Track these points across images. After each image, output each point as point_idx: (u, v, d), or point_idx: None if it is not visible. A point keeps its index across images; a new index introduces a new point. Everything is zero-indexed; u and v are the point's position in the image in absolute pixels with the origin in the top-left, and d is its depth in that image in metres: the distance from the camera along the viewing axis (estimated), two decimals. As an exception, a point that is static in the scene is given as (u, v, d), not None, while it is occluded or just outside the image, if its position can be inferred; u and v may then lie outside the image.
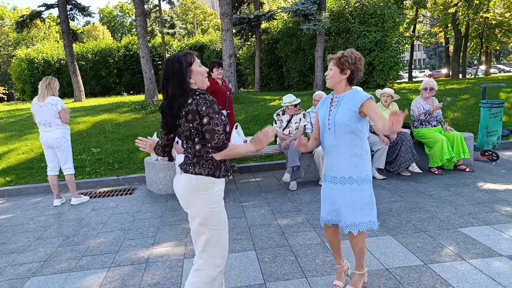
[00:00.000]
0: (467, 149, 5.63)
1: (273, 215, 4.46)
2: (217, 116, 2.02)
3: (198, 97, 2.05)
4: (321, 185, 5.51)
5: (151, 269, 3.33)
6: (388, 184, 5.38)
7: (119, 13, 62.14)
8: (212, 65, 6.01)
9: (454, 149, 5.61)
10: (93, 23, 55.31)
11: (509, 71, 43.03)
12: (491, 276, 2.84)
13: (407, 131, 5.82)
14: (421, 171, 5.75)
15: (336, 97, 2.65)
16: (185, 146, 2.17)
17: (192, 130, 2.06)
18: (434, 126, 5.80)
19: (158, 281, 3.11)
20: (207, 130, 2.02)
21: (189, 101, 2.05)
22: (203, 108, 2.00)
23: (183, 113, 2.05)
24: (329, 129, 2.63)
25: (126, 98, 17.95)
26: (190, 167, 2.14)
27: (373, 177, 5.70)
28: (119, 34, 59.07)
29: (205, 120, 2.01)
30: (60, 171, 5.54)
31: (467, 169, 5.70)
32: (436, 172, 5.69)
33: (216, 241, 2.19)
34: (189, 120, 2.04)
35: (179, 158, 5.30)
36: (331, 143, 2.62)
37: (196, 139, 2.09)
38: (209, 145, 2.04)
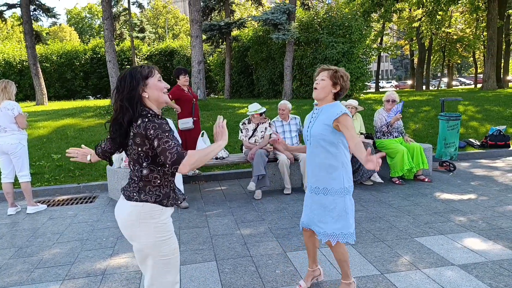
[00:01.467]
0: (425, 160, 5.83)
1: (237, 224, 4.44)
2: (166, 134, 1.85)
3: (146, 120, 1.88)
4: (286, 194, 5.55)
5: (108, 282, 3.23)
6: (351, 193, 5.48)
7: (87, 15, 60.64)
8: (178, 72, 5.97)
9: (414, 160, 5.80)
10: (60, 24, 53.74)
11: (469, 84, 45.15)
12: (443, 285, 2.94)
13: (370, 141, 5.96)
14: (383, 181, 5.90)
15: (316, 109, 2.70)
16: (131, 168, 2.02)
17: (141, 154, 1.92)
18: (396, 137, 5.98)
19: (114, 294, 3.02)
20: (160, 152, 1.83)
21: (138, 122, 1.89)
22: (151, 131, 1.85)
23: (131, 134, 1.92)
24: (307, 140, 2.70)
25: (91, 102, 17.48)
26: (135, 194, 1.97)
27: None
28: (88, 36, 57.60)
29: (155, 143, 1.84)
30: (16, 178, 5.30)
31: (426, 179, 5.90)
32: (397, 182, 5.86)
33: (166, 271, 2.04)
34: (137, 144, 1.90)
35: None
36: (310, 154, 2.68)
37: (144, 164, 1.95)
38: (167, 165, 1.84)
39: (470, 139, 7.99)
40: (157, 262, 2.00)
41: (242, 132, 5.77)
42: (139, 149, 1.91)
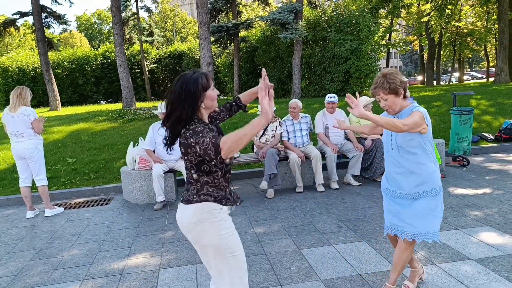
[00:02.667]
0: (438, 155, 5.79)
1: (250, 223, 4.47)
2: (200, 135, 1.85)
3: (186, 131, 1.93)
4: (298, 192, 5.56)
5: (126, 281, 3.29)
6: (363, 190, 5.48)
7: (97, 21, 61.38)
8: None
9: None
10: (70, 31, 54.47)
11: (481, 78, 44.48)
12: (459, 279, 2.93)
13: (382, 138, 5.93)
14: (395, 177, 5.87)
15: (394, 117, 2.61)
16: (187, 173, 2.07)
17: (187, 162, 2.00)
18: (407, 132, 5.94)
19: (133, 293, 3.08)
20: (203, 153, 1.85)
21: (183, 131, 1.95)
22: (191, 139, 1.88)
23: (181, 142, 1.98)
24: (392, 149, 2.64)
25: (103, 106, 17.69)
26: (195, 196, 2.01)
27: (348, 184, 5.79)
28: (97, 42, 58.30)
29: (197, 148, 1.87)
30: (33, 182, 5.42)
31: (440, 175, 5.86)
32: (409, 178, 5.82)
33: (234, 268, 2.03)
34: (183, 153, 1.98)
35: (156, 167, 5.27)
36: (399, 161, 2.60)
37: (192, 170, 2.00)
38: (213, 161, 1.90)
39: (484, 133, 7.90)
40: (226, 260, 2.01)
41: (253, 132, 5.80)
42: (185, 157, 1.98)
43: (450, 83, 37.21)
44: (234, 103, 2.37)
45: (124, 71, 13.42)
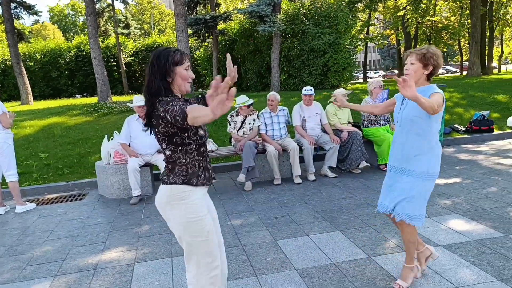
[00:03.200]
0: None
1: (227, 215, 4.48)
2: (170, 104, 1.87)
3: (158, 102, 1.94)
4: (275, 184, 5.60)
5: (100, 276, 3.25)
6: (340, 182, 5.56)
7: (70, 12, 59.67)
8: None
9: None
10: (43, 22, 52.84)
11: (455, 72, 45.62)
12: (429, 265, 3.02)
13: (358, 130, 6.02)
14: (370, 168, 5.98)
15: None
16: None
17: (159, 135, 1.99)
18: (382, 125, 6.05)
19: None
20: (174, 121, 1.84)
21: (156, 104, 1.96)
22: (161, 109, 1.90)
23: (154, 114, 1.97)
24: (397, 123, 2.66)
25: (77, 100, 17.26)
26: (165, 177, 2.04)
27: (325, 175, 5.87)
28: (71, 34, 56.71)
29: (168, 117, 1.86)
30: (3, 178, 5.26)
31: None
32: (384, 169, 5.95)
33: (201, 252, 2.05)
34: (154, 125, 1.97)
35: (131, 161, 5.20)
36: (400, 138, 2.64)
37: (163, 145, 2.01)
38: (180, 124, 1.84)
39: (455, 125, 8.13)
40: (193, 244, 2.03)
41: (230, 125, 5.79)
42: (156, 130, 1.97)
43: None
44: (201, 97, 2.37)
45: (99, 64, 13.12)
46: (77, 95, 26.28)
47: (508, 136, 7.88)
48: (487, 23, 23.15)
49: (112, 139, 5.67)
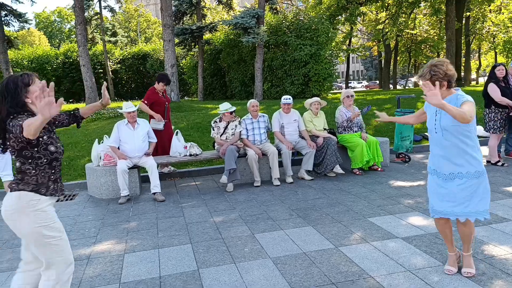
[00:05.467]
0: (380, 154, 6.41)
1: (210, 213, 4.85)
2: (18, 119, 2.10)
3: (12, 117, 2.15)
4: (255, 186, 6.00)
5: (93, 264, 3.58)
6: (315, 184, 5.99)
7: (57, 19, 59.47)
8: (161, 78, 6.41)
9: (371, 153, 6.37)
10: (29, 28, 52.48)
11: (435, 83, 46.96)
12: (387, 253, 3.45)
13: (333, 136, 6.48)
14: (344, 172, 6.44)
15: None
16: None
17: (10, 149, 2.18)
18: (356, 131, 6.53)
19: (99, 273, 3.38)
20: (15, 134, 2.07)
21: (7, 120, 2.15)
22: (10, 124, 2.11)
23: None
24: (436, 132, 2.83)
25: (65, 106, 17.42)
26: (14, 185, 2.21)
27: (302, 178, 6.30)
28: (57, 40, 56.48)
29: (13, 131, 2.09)
30: (-3, 179, 5.52)
31: (379, 169, 6.49)
32: (357, 173, 6.41)
33: (57, 251, 2.28)
34: (8, 139, 2.16)
35: (120, 163, 5.54)
36: (443, 144, 2.80)
37: (13, 157, 2.22)
38: (17, 139, 2.10)
39: (426, 133, 8.69)
40: (46, 245, 2.23)
41: (214, 130, 6.19)
42: (8, 143, 2.17)
43: (407, 87, 39.14)
44: (73, 113, 2.68)
45: (88, 71, 13.41)
46: (63, 102, 26.28)
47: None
48: (463, 37, 24.20)
49: (102, 142, 6.00)
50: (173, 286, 3.11)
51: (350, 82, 42.70)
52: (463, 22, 24.03)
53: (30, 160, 2.20)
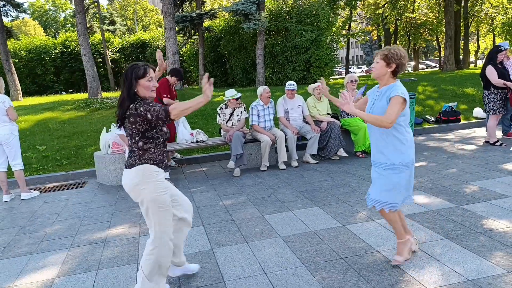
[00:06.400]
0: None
1: (219, 197, 4.99)
2: (151, 105, 2.43)
3: (137, 103, 2.46)
4: (262, 171, 6.13)
5: (110, 247, 3.73)
6: (320, 167, 6.12)
7: (51, 8, 58.90)
8: (175, 73, 6.44)
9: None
10: (23, 18, 52.07)
11: (435, 67, 46.91)
12: (392, 230, 3.60)
13: (336, 121, 6.59)
14: (348, 155, 6.57)
15: (378, 91, 2.91)
16: (129, 143, 2.59)
17: (134, 130, 2.47)
18: (358, 115, 6.63)
19: (117, 255, 3.53)
20: (155, 119, 2.41)
21: (131, 106, 2.46)
22: (141, 108, 2.42)
23: (127, 115, 2.48)
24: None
25: (67, 96, 17.47)
26: (136, 160, 2.51)
27: (307, 162, 6.43)
28: (53, 30, 56.05)
29: (148, 116, 2.41)
30: (9, 168, 5.65)
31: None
32: (360, 156, 6.54)
33: (163, 219, 2.58)
34: (131, 122, 2.46)
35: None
36: (372, 131, 2.92)
37: (137, 138, 2.50)
38: (163, 121, 2.43)
39: (427, 116, 8.80)
40: (156, 212, 2.56)
41: (220, 116, 6.29)
42: (133, 126, 2.47)
43: (405, 71, 39.07)
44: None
45: (89, 61, 13.43)
46: (63, 92, 26.29)
47: (473, 126, 8.60)
48: (462, 19, 24.08)
49: (110, 130, 6.11)
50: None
51: (350, 67, 42.57)
52: (462, 4, 23.90)
53: (151, 140, 2.53)
